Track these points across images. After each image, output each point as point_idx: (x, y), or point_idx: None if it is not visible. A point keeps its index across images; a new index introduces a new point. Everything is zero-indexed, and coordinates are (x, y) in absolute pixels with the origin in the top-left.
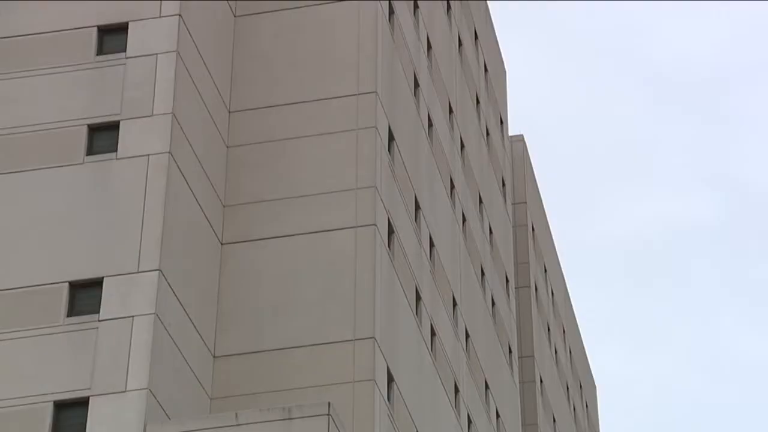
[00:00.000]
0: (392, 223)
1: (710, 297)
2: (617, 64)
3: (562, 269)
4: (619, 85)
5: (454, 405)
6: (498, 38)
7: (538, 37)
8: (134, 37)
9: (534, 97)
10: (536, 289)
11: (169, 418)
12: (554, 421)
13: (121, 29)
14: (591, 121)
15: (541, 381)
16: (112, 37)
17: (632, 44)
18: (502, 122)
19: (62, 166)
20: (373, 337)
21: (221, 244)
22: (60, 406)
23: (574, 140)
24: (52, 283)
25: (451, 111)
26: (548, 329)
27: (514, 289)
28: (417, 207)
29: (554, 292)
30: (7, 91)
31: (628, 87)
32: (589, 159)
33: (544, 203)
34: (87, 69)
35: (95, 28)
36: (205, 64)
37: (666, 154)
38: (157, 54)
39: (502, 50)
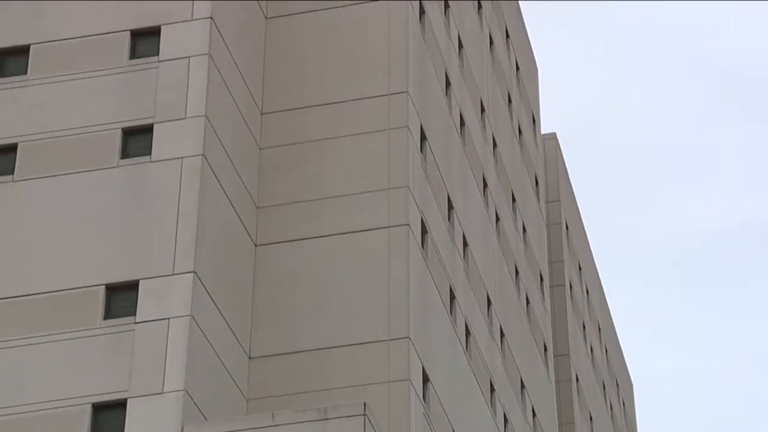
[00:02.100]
0: (425, 223)
1: (763, 297)
2: (667, 63)
3: (600, 268)
4: (669, 85)
5: (489, 404)
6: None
7: (587, 37)
8: (167, 40)
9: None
10: (571, 287)
11: (206, 419)
12: (591, 419)
13: (154, 32)
14: (643, 121)
15: (577, 379)
16: (144, 40)
17: (677, 42)
18: (534, 120)
19: (97, 169)
20: (408, 337)
21: (255, 245)
22: (98, 408)
23: (626, 139)
24: (88, 286)
25: (483, 110)
26: (583, 327)
27: (548, 288)
28: (450, 206)
29: (589, 290)
30: (42, 96)
31: (680, 87)
32: (641, 158)
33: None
34: (120, 73)
35: (128, 32)
36: (237, 65)
37: (721, 154)
38: (189, 57)
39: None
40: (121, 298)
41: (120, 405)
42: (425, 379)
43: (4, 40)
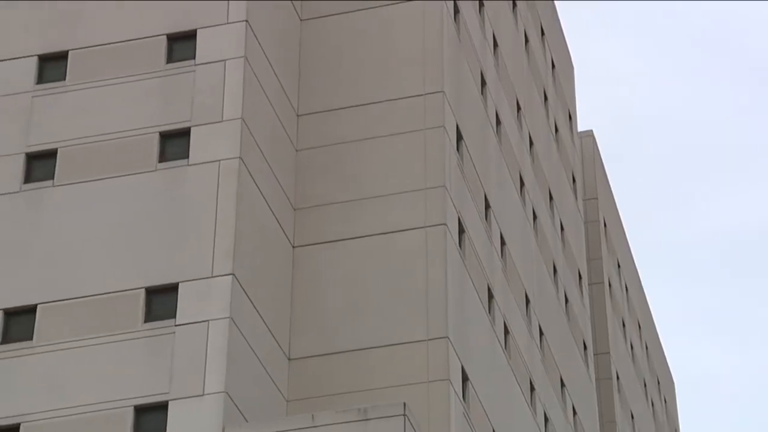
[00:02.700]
0: (462, 222)
1: None
2: (708, 60)
3: (639, 265)
4: (709, 81)
5: (530, 403)
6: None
7: (627, 33)
8: (203, 44)
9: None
10: (610, 284)
11: (247, 421)
12: (632, 417)
13: (190, 36)
14: (683, 117)
15: (618, 377)
16: (180, 44)
17: (718, 38)
18: (570, 118)
19: (135, 173)
20: (447, 337)
21: (293, 247)
22: (140, 411)
23: (666, 136)
24: (129, 290)
25: (519, 108)
26: (623, 325)
27: (587, 286)
28: (487, 205)
29: (628, 287)
30: (81, 101)
31: (720, 83)
32: (682, 155)
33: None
34: (157, 77)
35: (164, 37)
36: (272, 68)
37: (762, 151)
38: (225, 60)
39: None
40: (161, 300)
41: (161, 407)
42: (464, 379)
43: (43, 46)
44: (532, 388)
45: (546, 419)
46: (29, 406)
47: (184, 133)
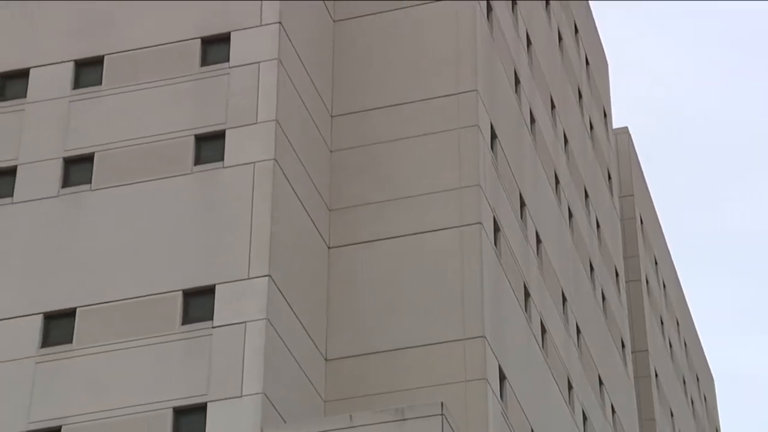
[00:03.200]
0: (497, 221)
1: None
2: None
3: (677, 262)
4: (747, 79)
5: (568, 401)
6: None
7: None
8: (236, 47)
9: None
10: (647, 282)
11: (285, 422)
12: (672, 415)
13: (224, 39)
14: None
15: (657, 375)
16: (214, 47)
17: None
18: (605, 115)
19: (171, 176)
20: (483, 336)
21: (328, 247)
22: (179, 412)
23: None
24: (166, 292)
25: (553, 106)
26: (661, 322)
27: (624, 283)
28: (522, 204)
29: (666, 284)
30: (117, 105)
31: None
32: (719, 152)
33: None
34: (192, 80)
35: (198, 40)
36: (306, 69)
37: None
38: (259, 62)
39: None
40: (198, 303)
41: (200, 409)
42: (502, 378)
43: (78, 51)
44: (570, 387)
45: (584, 417)
46: (70, 408)
47: (219, 136)
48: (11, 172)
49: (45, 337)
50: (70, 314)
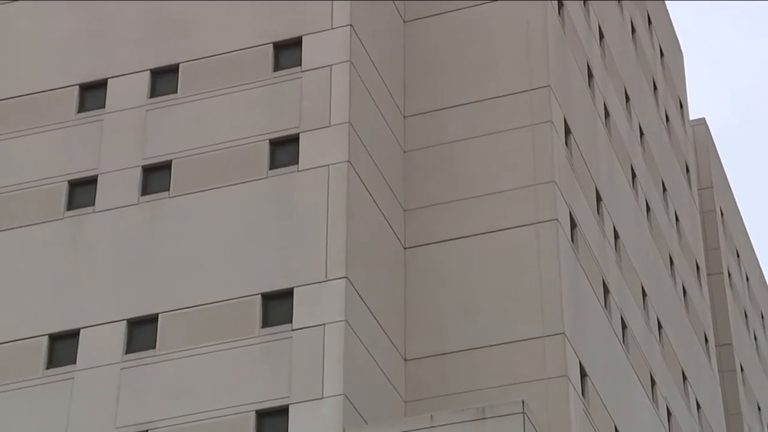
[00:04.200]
0: (574, 217)
1: None
2: None
3: (760, 253)
4: None
5: (651, 398)
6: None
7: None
8: (308, 50)
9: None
10: (729, 274)
11: (366, 423)
12: (759, 409)
13: (296, 43)
14: None
15: (742, 369)
16: (287, 52)
17: None
18: (681, 106)
19: (247, 181)
20: (563, 333)
21: (404, 248)
22: (261, 415)
23: None
24: (245, 296)
25: (627, 99)
26: (745, 315)
27: (705, 276)
28: (598, 199)
29: (749, 276)
30: (192, 113)
31: None
32: None
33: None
34: (265, 85)
35: (270, 45)
36: (377, 70)
37: None
38: (331, 65)
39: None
40: (276, 306)
41: (282, 411)
42: (583, 375)
43: (154, 61)
44: (653, 383)
45: (669, 413)
46: (155, 413)
47: (293, 140)
48: (92, 181)
49: (129, 343)
50: (152, 320)
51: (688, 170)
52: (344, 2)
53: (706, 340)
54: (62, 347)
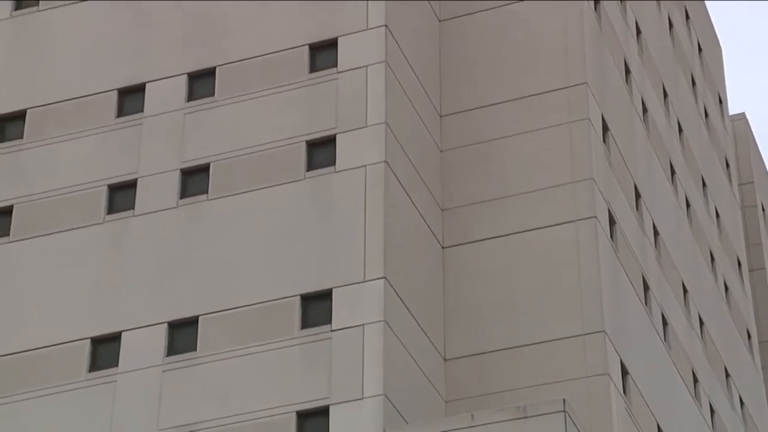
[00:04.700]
0: (613, 214)
1: None
2: None
3: None
4: None
5: (693, 395)
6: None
7: None
8: (344, 52)
9: None
10: None
11: (407, 423)
12: None
13: (331, 45)
14: None
15: None
16: (322, 53)
17: None
18: (721, 101)
19: (285, 183)
20: (604, 331)
21: (442, 247)
22: (302, 416)
23: None
24: (284, 298)
25: (665, 95)
26: None
27: (747, 272)
28: (637, 195)
29: None
30: (229, 115)
31: None
32: None
33: None
34: (301, 87)
35: (306, 47)
36: (413, 70)
37: None
38: (367, 66)
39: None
40: (316, 307)
41: (323, 412)
42: (624, 373)
43: (191, 64)
44: (695, 380)
45: (712, 410)
46: (197, 414)
47: (330, 141)
48: (132, 185)
49: (170, 345)
50: (193, 322)
51: (728, 165)
52: (379, 2)
53: (749, 336)
54: (104, 350)
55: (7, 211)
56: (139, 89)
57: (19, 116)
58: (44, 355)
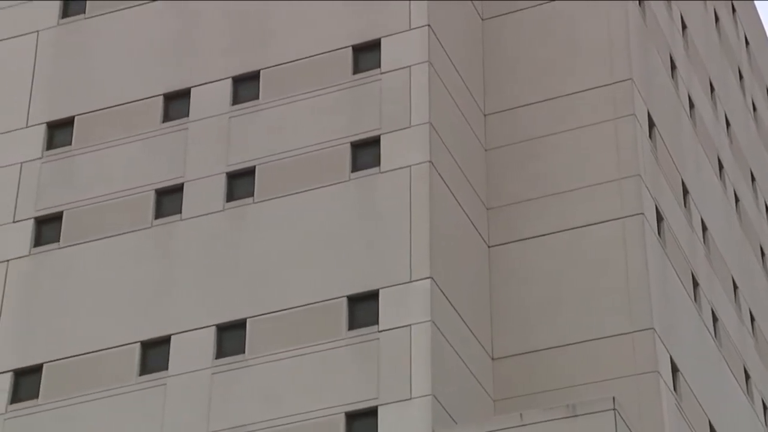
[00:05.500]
0: (660, 210)
1: None
2: None
3: None
4: None
5: (746, 391)
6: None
7: None
8: (387, 52)
9: None
10: None
11: (455, 422)
12: None
13: (374, 46)
14: None
15: None
16: (366, 54)
17: None
18: None
19: (330, 185)
20: (653, 328)
21: (488, 246)
22: (351, 417)
23: None
24: (331, 299)
25: (712, 89)
26: None
27: None
28: (685, 191)
29: None
30: (274, 118)
31: None
32: None
33: None
34: (345, 88)
35: (350, 48)
36: (456, 69)
37: None
38: (410, 66)
39: None
40: (362, 308)
41: (371, 413)
42: (674, 370)
43: (235, 68)
44: (747, 376)
45: (765, 407)
46: (246, 417)
47: (374, 142)
48: (179, 189)
49: (219, 348)
50: (241, 325)
51: None
52: (422, 2)
53: None
54: (154, 354)
55: (57, 218)
56: (184, 94)
57: (68, 123)
58: (96, 359)
